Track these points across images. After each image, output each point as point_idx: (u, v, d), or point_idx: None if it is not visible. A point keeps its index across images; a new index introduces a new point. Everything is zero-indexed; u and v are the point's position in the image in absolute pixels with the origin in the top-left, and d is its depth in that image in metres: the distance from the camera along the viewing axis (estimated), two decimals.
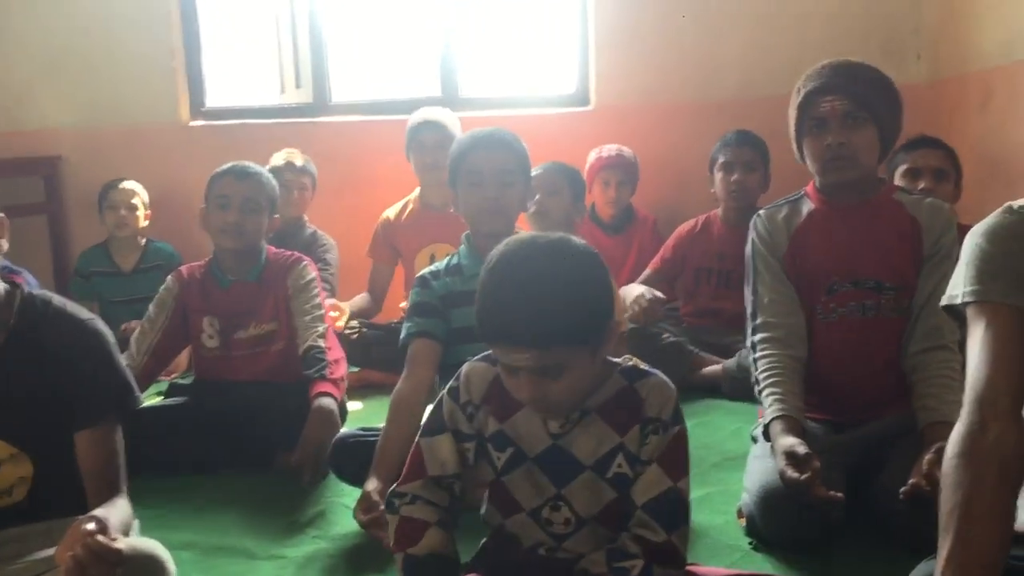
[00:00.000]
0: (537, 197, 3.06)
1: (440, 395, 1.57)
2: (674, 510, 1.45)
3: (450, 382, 1.56)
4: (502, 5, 5.17)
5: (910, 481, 1.73)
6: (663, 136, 4.12)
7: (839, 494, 1.77)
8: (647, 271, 3.62)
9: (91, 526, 1.37)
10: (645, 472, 1.45)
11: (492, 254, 1.43)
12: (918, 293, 2.07)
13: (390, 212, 3.76)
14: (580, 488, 1.48)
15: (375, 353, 3.33)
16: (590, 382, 1.45)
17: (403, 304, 3.61)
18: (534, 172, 2.55)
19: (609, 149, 3.83)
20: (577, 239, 1.44)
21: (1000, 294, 1.31)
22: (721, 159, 3.48)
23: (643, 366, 1.52)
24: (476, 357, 1.55)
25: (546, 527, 1.51)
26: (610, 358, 1.51)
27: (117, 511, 1.58)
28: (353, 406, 2.95)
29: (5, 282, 1.67)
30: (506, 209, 2.23)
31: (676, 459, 1.47)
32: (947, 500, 1.24)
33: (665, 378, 1.50)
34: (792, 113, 2.14)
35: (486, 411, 1.52)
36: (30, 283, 2.73)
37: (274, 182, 2.78)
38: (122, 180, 3.92)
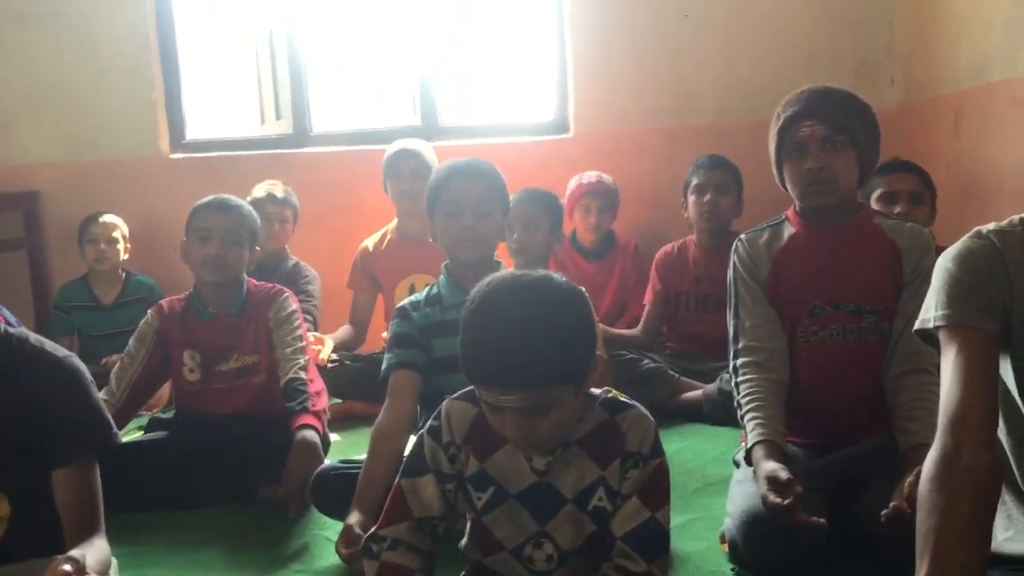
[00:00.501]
0: (516, 235, 3.08)
1: (420, 434, 1.56)
2: (654, 540, 1.45)
3: (430, 420, 1.55)
4: (481, 35, 5.21)
5: (891, 504, 1.72)
6: (642, 161, 4.15)
7: (821, 520, 1.76)
8: (647, 310, 3.63)
9: (67, 567, 1.35)
10: (625, 505, 1.46)
11: (474, 293, 1.42)
12: (898, 317, 2.08)
13: (368, 242, 3.76)
14: (563, 522, 1.48)
15: (357, 384, 3.32)
16: (571, 422, 1.45)
17: (385, 334, 3.63)
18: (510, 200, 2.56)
19: (589, 176, 3.85)
20: (559, 277, 1.44)
21: (971, 318, 1.33)
22: (694, 182, 3.52)
23: (623, 398, 1.52)
24: (455, 395, 1.55)
25: (528, 564, 1.51)
26: (592, 389, 1.51)
27: (94, 551, 1.57)
28: (333, 437, 2.94)
29: None
30: (484, 239, 2.24)
31: (656, 491, 1.47)
32: (923, 523, 1.25)
33: (644, 411, 1.51)
34: (772, 138, 2.16)
35: (467, 451, 1.51)
36: (8, 319, 2.73)
37: (255, 214, 2.78)
38: (102, 214, 3.90)
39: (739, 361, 2.13)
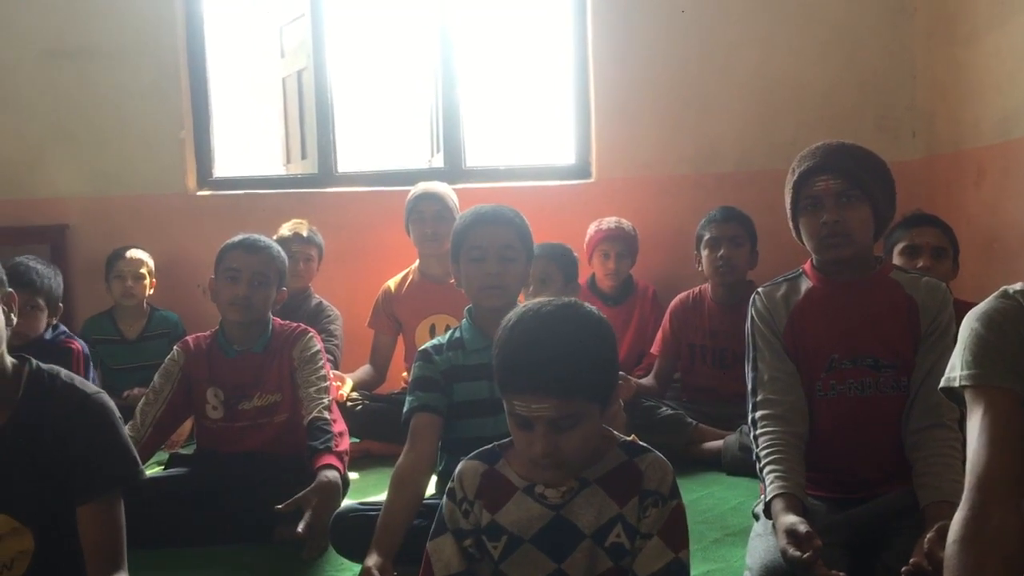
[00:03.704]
0: (531, 289, 3.11)
1: (442, 500, 1.64)
2: None
3: (448, 483, 1.64)
4: (505, 79, 5.28)
5: (912, 560, 1.72)
6: (663, 208, 4.18)
7: (841, 573, 1.76)
8: (657, 362, 3.62)
9: None
10: (647, 546, 1.51)
11: (510, 316, 1.55)
12: (916, 371, 2.08)
13: (391, 283, 3.79)
14: (580, 558, 1.53)
15: (376, 424, 3.33)
16: (593, 444, 1.54)
17: (405, 375, 3.65)
18: None
19: (609, 221, 3.88)
20: (587, 305, 1.57)
21: (997, 378, 1.33)
22: (707, 235, 3.49)
23: (641, 443, 1.60)
24: (469, 456, 1.65)
25: None
26: (611, 431, 1.60)
27: None
28: (351, 476, 2.94)
29: (13, 356, 1.69)
30: (508, 285, 2.26)
31: (677, 532, 1.53)
32: None
33: (663, 456, 1.58)
34: (788, 192, 2.18)
35: (479, 505, 1.59)
36: (85, 353, 2.81)
37: (284, 255, 2.81)
38: (128, 248, 3.94)
39: (758, 414, 2.13)
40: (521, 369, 1.47)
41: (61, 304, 3.32)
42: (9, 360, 1.67)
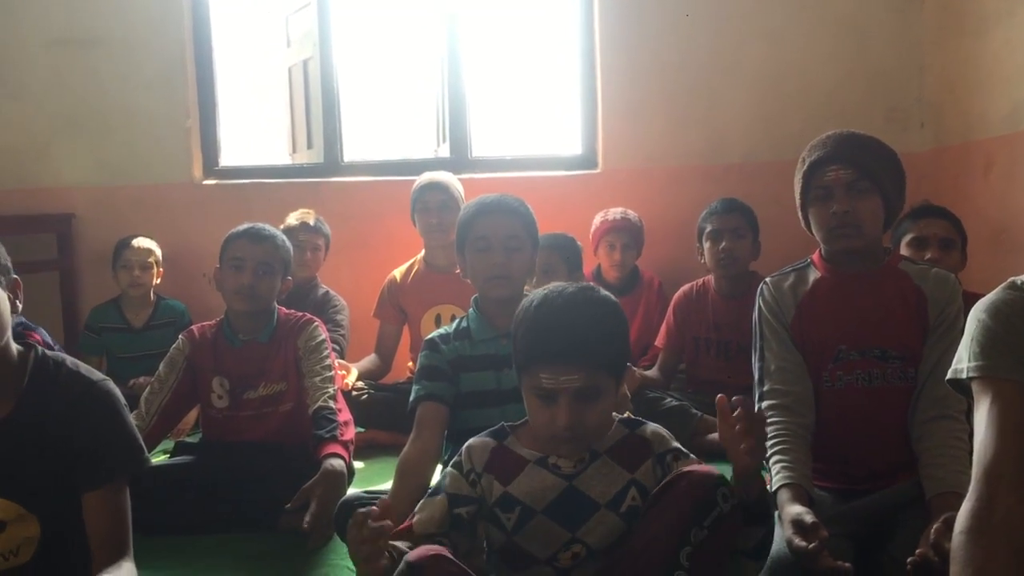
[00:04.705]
0: (535, 279, 3.10)
1: (445, 470, 1.71)
2: None
3: (454, 458, 1.71)
4: (511, 69, 5.26)
5: (918, 551, 1.71)
6: (669, 199, 4.17)
7: (847, 564, 1.75)
8: (661, 355, 3.62)
9: None
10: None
11: (530, 298, 1.66)
12: (923, 362, 2.07)
13: (397, 273, 3.79)
14: (595, 525, 1.61)
15: (381, 413, 3.34)
16: (610, 414, 1.66)
17: (410, 364, 3.65)
18: None
19: (614, 212, 3.87)
20: (600, 288, 1.70)
21: (1005, 370, 1.33)
22: (708, 228, 3.46)
23: (637, 418, 1.74)
24: (479, 435, 1.71)
25: (553, 563, 1.62)
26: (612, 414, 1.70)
27: (123, 574, 1.59)
28: (356, 465, 2.95)
29: (19, 343, 1.69)
30: (513, 275, 2.25)
31: None
32: None
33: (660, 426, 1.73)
34: (797, 182, 2.17)
35: (488, 478, 1.65)
36: (46, 341, 2.77)
37: (288, 244, 2.81)
38: (135, 237, 3.94)
39: (764, 404, 2.12)
40: (553, 340, 1.56)
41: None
42: (15, 348, 1.67)
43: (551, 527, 1.61)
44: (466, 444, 1.71)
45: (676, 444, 1.69)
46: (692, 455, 1.68)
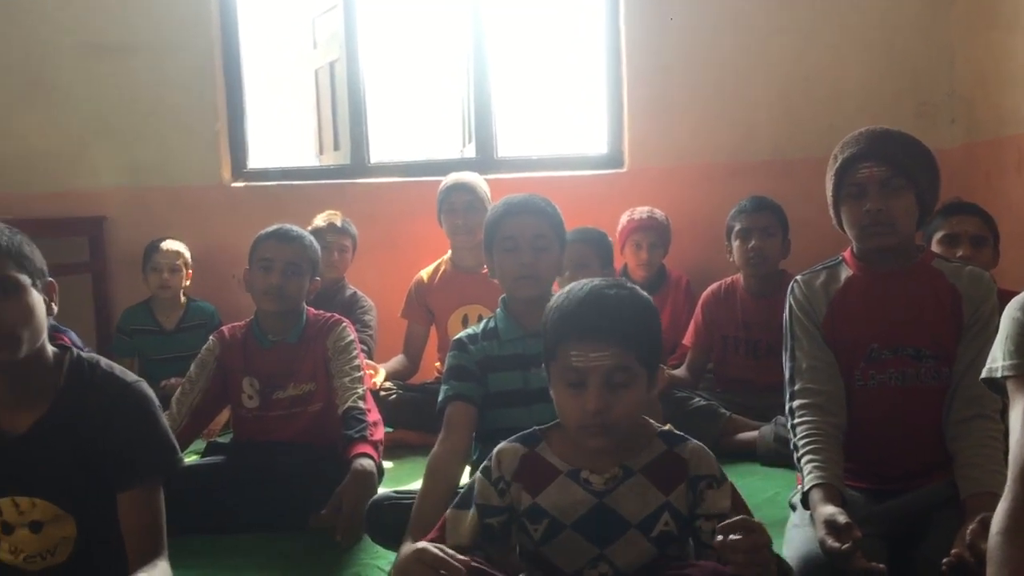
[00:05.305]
0: (567, 274, 3.09)
1: (474, 476, 1.68)
2: None
3: (484, 462, 1.67)
4: (537, 69, 5.26)
5: (953, 552, 1.69)
6: (696, 198, 4.15)
7: (881, 565, 1.74)
8: (690, 354, 3.60)
9: None
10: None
11: (563, 291, 1.63)
12: (958, 361, 2.05)
13: (424, 273, 3.81)
14: (624, 546, 1.56)
15: (410, 413, 3.35)
16: (638, 416, 1.60)
17: (438, 364, 3.66)
18: None
19: (641, 211, 3.86)
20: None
21: None
22: (737, 226, 3.44)
23: (678, 432, 1.65)
24: (509, 439, 1.67)
25: None
26: (649, 420, 1.65)
27: (158, 573, 1.60)
28: (385, 465, 2.96)
29: (55, 345, 1.71)
30: (541, 275, 2.26)
31: (747, 510, 1.58)
32: None
33: (700, 443, 1.64)
34: (829, 180, 2.15)
35: (517, 487, 1.62)
36: (75, 343, 2.80)
37: (316, 245, 2.83)
38: (164, 239, 3.98)
39: (796, 403, 2.11)
40: (583, 316, 1.54)
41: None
42: (51, 350, 1.69)
43: (579, 542, 1.57)
44: (497, 448, 1.67)
45: (714, 470, 1.61)
46: (726, 478, 1.61)
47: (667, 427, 1.67)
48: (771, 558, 1.46)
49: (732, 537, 1.40)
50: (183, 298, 4.02)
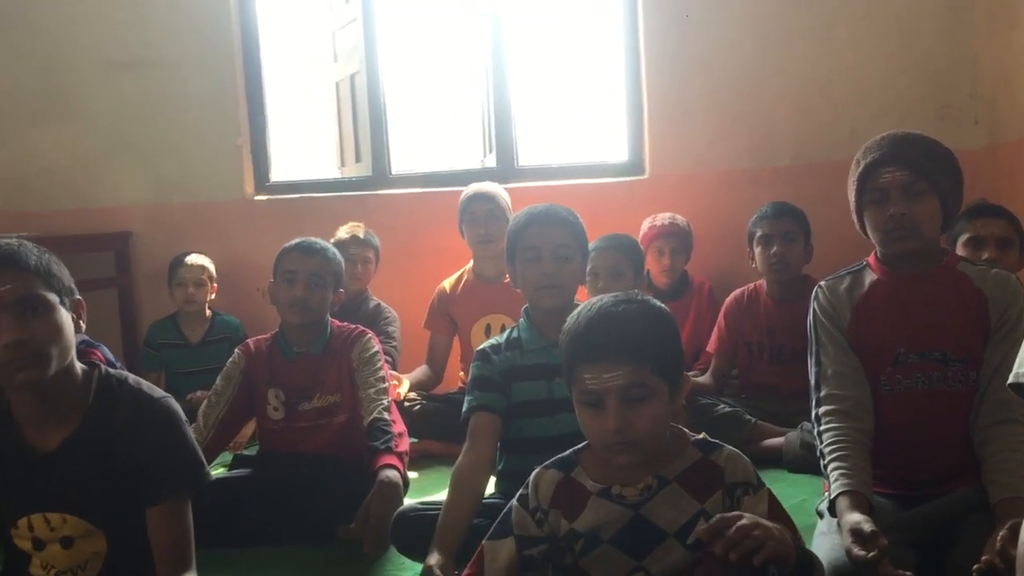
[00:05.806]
0: (600, 284, 3.07)
1: (511, 504, 1.67)
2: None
3: (520, 490, 1.66)
4: (556, 77, 5.26)
5: (984, 558, 1.67)
6: (718, 203, 4.14)
7: (908, 573, 1.72)
8: (714, 361, 3.59)
9: None
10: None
11: (581, 307, 1.62)
12: (985, 365, 2.03)
13: (446, 283, 3.81)
14: (661, 555, 1.55)
15: (434, 424, 3.35)
16: (663, 429, 1.58)
17: (462, 374, 3.66)
18: (592, 248, 2.56)
19: (663, 218, 3.85)
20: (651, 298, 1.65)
21: None
22: (759, 232, 3.43)
23: (713, 440, 1.64)
24: (546, 464, 1.67)
25: None
26: (683, 429, 1.65)
27: None
28: (410, 475, 2.96)
29: (83, 361, 1.73)
30: (564, 284, 2.26)
31: (785, 515, 1.58)
32: None
33: (736, 449, 1.63)
34: (852, 185, 2.14)
35: (556, 514, 1.62)
36: (108, 358, 2.83)
37: (340, 257, 2.85)
38: (189, 254, 4.02)
39: (822, 409, 2.10)
40: (592, 338, 1.53)
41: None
42: (79, 367, 1.71)
43: (616, 556, 1.57)
44: (534, 473, 1.66)
45: (751, 476, 1.60)
46: (764, 484, 1.59)
47: (702, 435, 1.67)
48: (773, 543, 1.40)
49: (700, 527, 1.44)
50: (208, 312, 4.05)
